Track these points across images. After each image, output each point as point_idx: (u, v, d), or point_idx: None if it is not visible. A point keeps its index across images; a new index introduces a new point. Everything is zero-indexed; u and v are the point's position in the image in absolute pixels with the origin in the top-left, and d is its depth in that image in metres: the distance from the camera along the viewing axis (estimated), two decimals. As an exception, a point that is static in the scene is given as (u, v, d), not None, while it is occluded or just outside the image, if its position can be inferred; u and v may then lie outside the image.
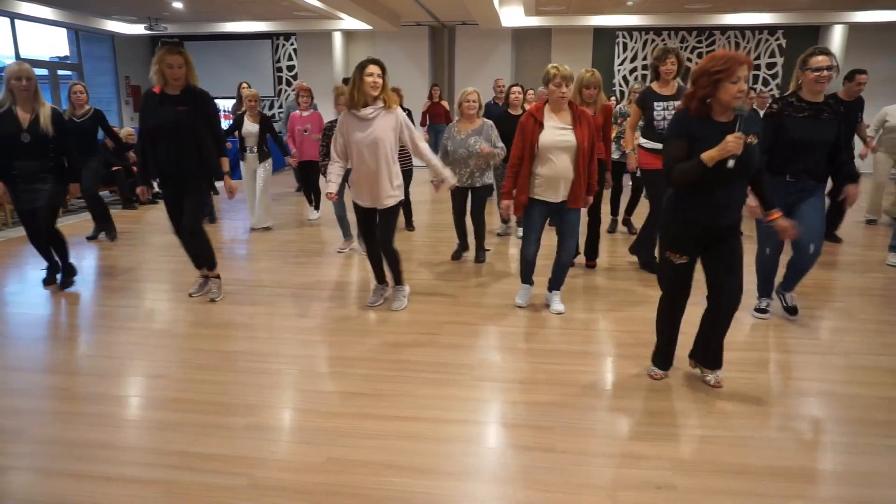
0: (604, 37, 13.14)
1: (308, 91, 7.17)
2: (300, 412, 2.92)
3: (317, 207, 7.58)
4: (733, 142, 2.60)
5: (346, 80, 12.15)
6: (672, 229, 2.94)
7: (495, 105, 7.72)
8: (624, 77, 13.30)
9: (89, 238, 6.42)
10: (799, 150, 3.70)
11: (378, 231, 4.11)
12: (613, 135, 6.20)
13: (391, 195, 3.99)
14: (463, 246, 5.62)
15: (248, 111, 6.63)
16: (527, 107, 6.41)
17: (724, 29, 12.75)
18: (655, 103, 4.77)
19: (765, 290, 4.15)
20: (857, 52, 12.13)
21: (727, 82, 2.63)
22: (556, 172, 3.88)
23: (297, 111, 7.19)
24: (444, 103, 10.58)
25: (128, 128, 9.41)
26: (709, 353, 3.13)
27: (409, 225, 6.88)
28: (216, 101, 4.40)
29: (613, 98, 12.07)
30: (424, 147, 4.03)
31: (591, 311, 4.27)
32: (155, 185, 4.57)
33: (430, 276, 5.11)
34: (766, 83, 12.93)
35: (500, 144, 5.11)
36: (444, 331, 3.91)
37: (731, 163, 2.63)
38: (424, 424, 2.77)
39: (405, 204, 6.56)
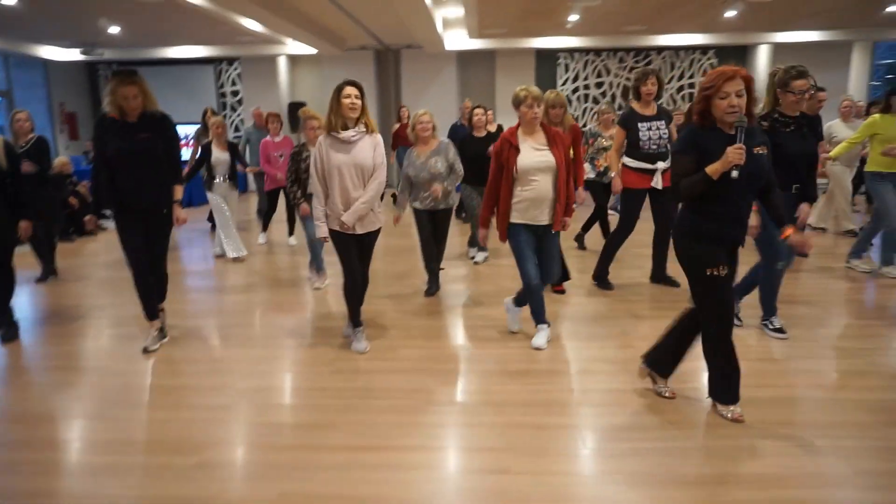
0: (546, 58, 13.48)
1: (278, 117, 7.17)
2: (251, 447, 2.84)
3: (291, 233, 7.45)
4: (733, 152, 2.63)
5: (295, 105, 12.07)
6: (700, 248, 2.84)
7: (461, 127, 7.77)
8: (567, 97, 13.64)
9: (38, 280, 5.93)
10: (792, 163, 3.77)
11: (359, 260, 3.91)
12: (586, 154, 6.33)
13: (373, 220, 3.86)
14: (434, 281, 5.24)
15: (215, 139, 6.49)
16: (490, 128, 6.48)
17: (660, 49, 13.27)
18: (640, 123, 4.89)
19: (773, 307, 4.09)
20: (783, 70, 12.75)
21: (716, 98, 2.70)
22: (539, 194, 3.79)
23: (269, 137, 7.13)
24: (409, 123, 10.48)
25: (62, 157, 9.06)
26: (666, 359, 3.19)
27: None
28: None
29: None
30: (377, 184, 3.79)
31: (555, 328, 4.30)
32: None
33: (382, 300, 5.08)
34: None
35: (458, 165, 5.00)
36: (398, 356, 3.88)
37: (734, 173, 2.65)
38: (378, 453, 2.74)
39: None
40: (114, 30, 10.72)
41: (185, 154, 10.80)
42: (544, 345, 3.94)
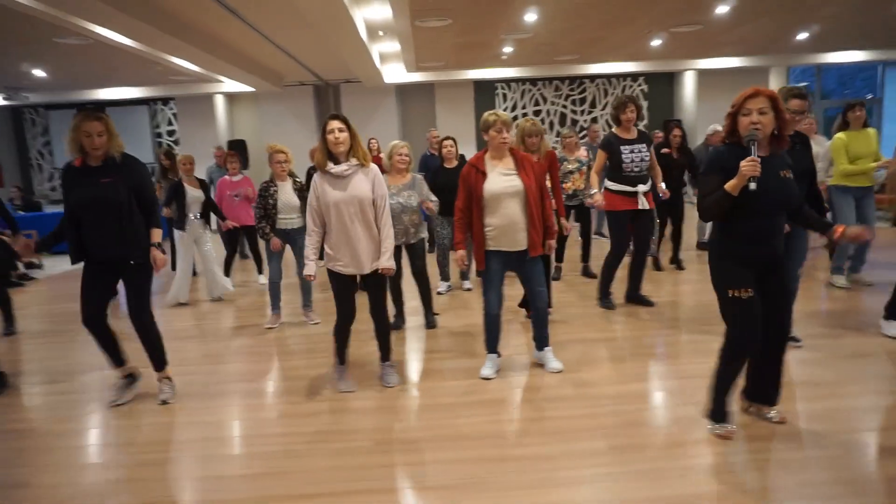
0: (484, 88, 13.78)
1: (236, 156, 7.02)
2: (193, 504, 2.71)
3: (260, 271, 7.25)
4: (745, 165, 2.65)
5: (233, 143, 11.86)
6: (725, 267, 2.88)
7: (432, 157, 7.78)
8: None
9: (6, 334, 5.54)
10: (798, 180, 3.88)
11: (369, 300, 3.78)
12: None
13: (376, 260, 3.66)
14: (400, 314, 5.11)
15: (185, 175, 6.25)
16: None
17: (593, 77, 13.77)
18: (622, 147, 5.03)
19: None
20: (708, 94, 13.46)
21: (739, 116, 2.78)
22: (508, 220, 3.74)
23: (227, 176, 6.95)
24: (382, 156, 10.46)
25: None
26: (765, 388, 3.11)
27: None
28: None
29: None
30: (387, 219, 3.67)
31: (506, 359, 4.30)
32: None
33: (322, 339, 4.98)
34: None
35: (433, 198, 4.94)
36: (342, 396, 3.79)
37: (752, 185, 2.67)
38: (328, 500, 2.65)
39: None
40: (38, 73, 10.37)
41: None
42: (492, 374, 3.93)
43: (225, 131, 13.63)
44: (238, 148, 11.97)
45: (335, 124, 3.57)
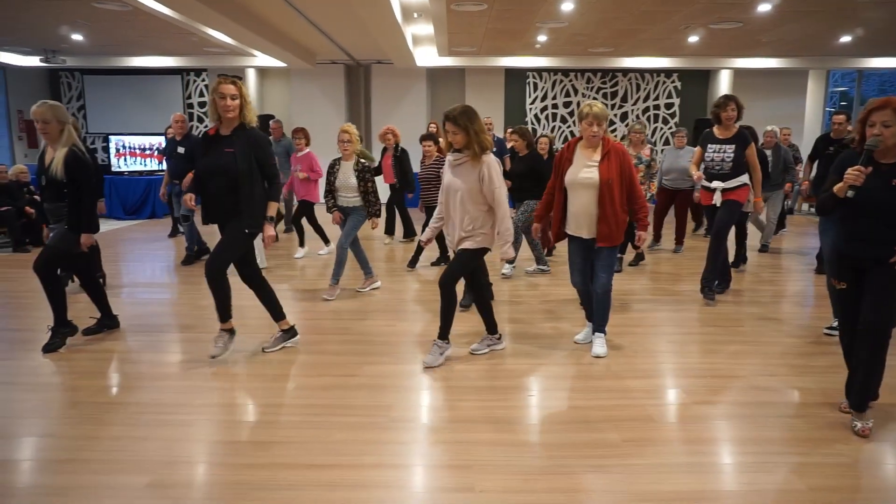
0: (515, 77, 13.67)
1: (303, 132, 7.28)
2: (208, 466, 2.76)
3: (326, 242, 7.50)
4: (851, 173, 2.80)
5: (263, 117, 11.98)
6: (830, 258, 3.11)
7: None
8: (535, 115, 13.83)
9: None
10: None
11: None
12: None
13: (463, 238, 3.83)
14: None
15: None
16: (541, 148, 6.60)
17: (626, 71, 13.58)
18: (710, 145, 5.22)
19: None
20: (742, 95, 13.18)
21: (867, 126, 2.86)
22: (578, 209, 3.95)
23: (295, 153, 7.30)
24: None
25: (19, 165, 8.81)
26: (853, 392, 3.07)
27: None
28: (122, 137, 4.11)
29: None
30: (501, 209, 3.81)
31: (517, 344, 4.31)
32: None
33: (348, 315, 5.03)
34: (665, 121, 13.81)
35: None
36: (360, 371, 3.84)
37: (850, 193, 2.83)
38: (339, 471, 2.69)
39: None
40: (77, 37, 10.51)
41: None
42: (585, 339, 4.28)
43: (255, 105, 13.66)
44: (264, 121, 12.04)
45: (447, 125, 3.71)
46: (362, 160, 5.47)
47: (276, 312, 4.17)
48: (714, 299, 5.33)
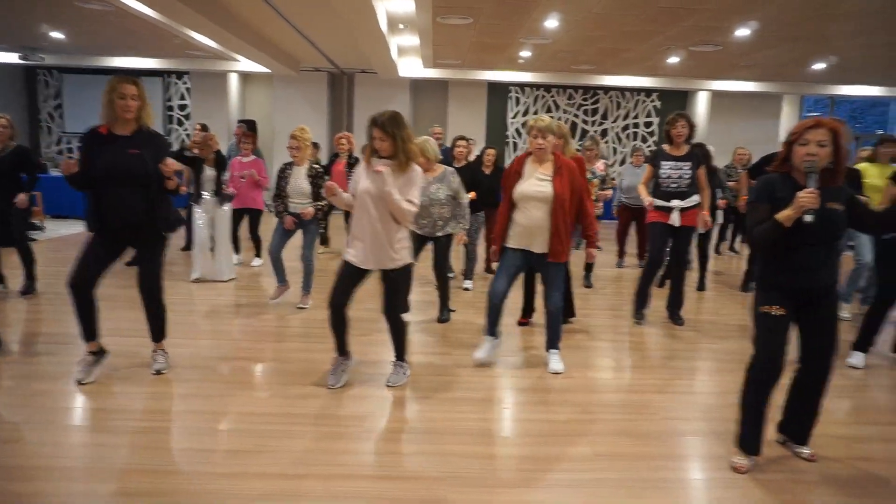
0: (497, 91, 13.79)
1: (251, 137, 7.03)
2: (176, 475, 2.71)
3: (258, 255, 7.29)
4: (804, 196, 2.57)
5: (243, 123, 11.91)
6: (764, 287, 2.84)
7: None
8: (517, 130, 13.95)
9: (23, 293, 5.57)
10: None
11: (385, 298, 3.67)
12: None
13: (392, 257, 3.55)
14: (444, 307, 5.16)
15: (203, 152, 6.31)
16: (471, 158, 6.58)
17: (607, 89, 13.79)
18: (664, 162, 5.10)
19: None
20: (720, 116, 13.51)
21: (796, 145, 2.69)
22: (530, 222, 3.88)
23: (239, 157, 6.99)
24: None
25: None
26: (797, 424, 3.00)
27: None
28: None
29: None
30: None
31: (495, 357, 4.31)
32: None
33: (321, 324, 4.99)
34: (644, 140, 14.03)
35: (463, 195, 4.94)
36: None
37: (808, 217, 2.59)
38: (311, 481, 2.66)
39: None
40: (56, 35, 10.37)
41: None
42: (484, 357, 4.09)
43: (237, 110, 13.64)
44: (249, 127, 11.96)
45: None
46: (316, 165, 5.37)
47: (160, 332, 3.89)
48: (683, 323, 5.28)
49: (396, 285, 3.64)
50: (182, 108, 13.76)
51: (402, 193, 3.44)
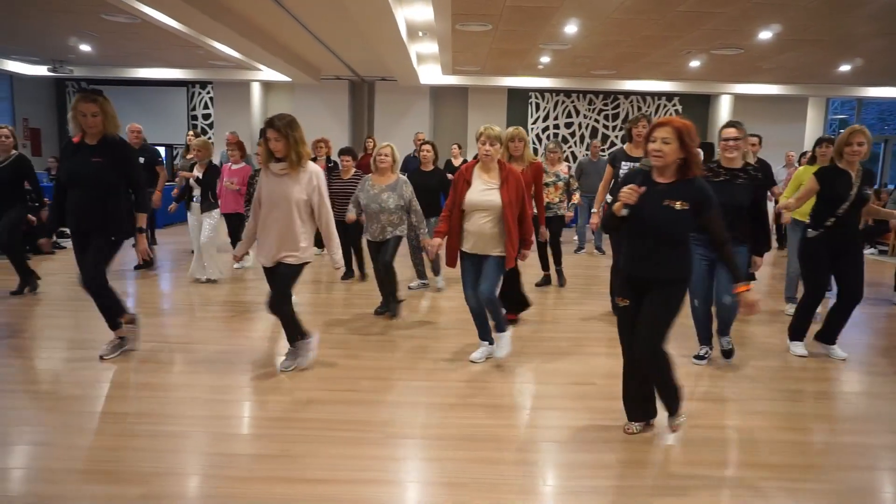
0: (518, 97, 13.80)
1: (240, 146, 7.21)
2: (203, 478, 2.76)
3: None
4: (625, 191, 2.84)
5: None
6: (616, 275, 3.06)
7: (414, 159, 7.89)
8: (537, 135, 13.93)
9: (13, 293, 5.79)
10: (727, 213, 3.95)
11: (274, 292, 3.89)
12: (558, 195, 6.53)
13: (285, 255, 3.81)
14: (386, 304, 5.39)
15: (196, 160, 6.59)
16: (456, 162, 6.66)
17: (628, 94, 13.71)
18: (623, 163, 5.10)
19: (702, 338, 4.38)
20: (743, 120, 13.31)
21: (648, 142, 2.88)
22: (478, 229, 3.98)
23: (229, 163, 7.24)
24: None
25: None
26: (643, 405, 3.22)
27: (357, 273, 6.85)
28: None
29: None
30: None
31: (516, 363, 4.31)
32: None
33: (343, 330, 5.03)
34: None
35: (416, 204, 5.15)
36: (358, 387, 3.83)
37: (624, 211, 2.86)
38: (334, 486, 2.68)
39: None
40: (84, 48, 10.62)
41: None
42: (480, 359, 4.21)
43: (259, 118, 13.82)
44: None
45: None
46: None
47: (113, 321, 4.11)
48: None
49: (285, 280, 3.83)
50: (206, 117, 13.98)
51: (309, 198, 3.75)
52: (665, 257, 2.91)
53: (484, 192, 3.97)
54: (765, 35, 8.17)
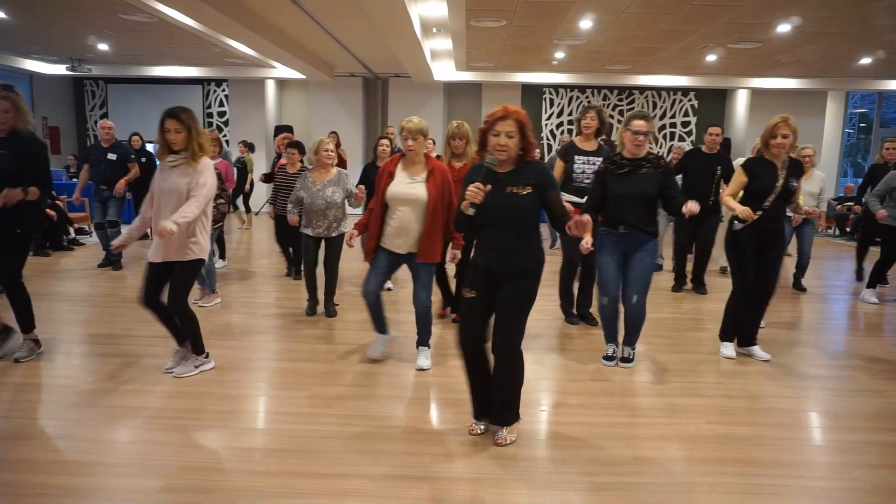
0: (532, 92, 13.74)
1: (217, 140, 7.07)
2: (221, 472, 2.78)
3: (223, 256, 7.39)
4: (470, 190, 2.75)
5: (280, 128, 12.08)
6: (470, 266, 3.02)
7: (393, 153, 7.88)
8: (551, 131, 13.88)
9: None
10: (621, 203, 3.95)
11: (171, 291, 3.77)
12: None
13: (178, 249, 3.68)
14: (314, 301, 5.32)
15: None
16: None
17: (643, 89, 13.61)
18: (577, 157, 4.95)
19: (609, 336, 4.29)
20: (760, 114, 13.17)
21: (489, 134, 2.83)
22: (401, 223, 3.86)
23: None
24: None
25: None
26: (493, 405, 3.09)
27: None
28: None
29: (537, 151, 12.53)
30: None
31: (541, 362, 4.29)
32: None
33: (355, 324, 5.06)
34: (682, 139, 13.79)
35: (356, 190, 5.01)
36: (375, 382, 3.85)
37: (471, 210, 2.79)
38: (351, 481, 2.70)
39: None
40: (102, 46, 10.73)
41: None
42: (377, 355, 4.15)
43: (274, 116, 13.89)
44: (287, 133, 12.14)
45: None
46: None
47: (27, 323, 4.10)
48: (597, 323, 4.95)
49: (183, 279, 3.73)
50: (221, 114, 14.08)
51: (191, 188, 3.58)
52: (513, 248, 2.87)
53: (408, 185, 3.86)
54: (783, 28, 8.06)
